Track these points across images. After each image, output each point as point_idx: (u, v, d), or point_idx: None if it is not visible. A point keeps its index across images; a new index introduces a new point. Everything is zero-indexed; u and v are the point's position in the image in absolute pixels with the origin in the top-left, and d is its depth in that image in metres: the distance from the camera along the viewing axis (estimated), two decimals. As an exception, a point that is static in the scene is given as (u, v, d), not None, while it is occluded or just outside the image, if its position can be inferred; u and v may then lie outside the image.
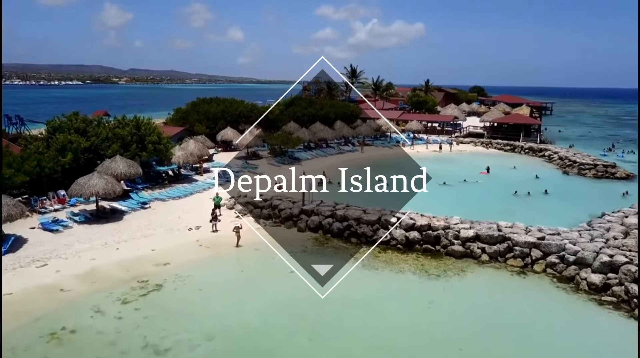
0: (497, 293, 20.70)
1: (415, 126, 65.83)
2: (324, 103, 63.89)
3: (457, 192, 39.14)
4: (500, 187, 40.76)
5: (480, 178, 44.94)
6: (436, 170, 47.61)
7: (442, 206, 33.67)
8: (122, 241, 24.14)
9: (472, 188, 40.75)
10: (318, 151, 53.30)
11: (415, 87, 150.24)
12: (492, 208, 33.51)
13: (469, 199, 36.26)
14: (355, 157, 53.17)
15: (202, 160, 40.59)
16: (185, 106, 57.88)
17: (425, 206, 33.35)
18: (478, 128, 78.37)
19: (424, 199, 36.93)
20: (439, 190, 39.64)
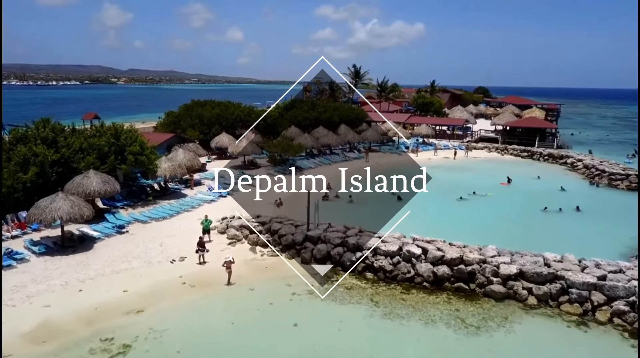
0: (553, 352, 16.36)
1: (425, 131, 61.49)
2: (327, 106, 59.58)
3: (478, 208, 34.82)
4: (525, 201, 36.51)
5: (501, 189, 40.65)
6: (451, 181, 43.43)
7: (463, 227, 29.49)
8: (87, 279, 19.78)
9: (494, 202, 36.40)
10: (321, 158, 48.96)
11: (420, 88, 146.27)
12: (522, 229, 29.27)
13: (494, 217, 31.96)
14: (361, 165, 48.77)
15: (193, 171, 36.30)
16: (178, 109, 53.54)
17: (443, 227, 29.19)
18: (490, 132, 74.22)
19: (441, 217, 32.68)
20: (457, 206, 35.36)
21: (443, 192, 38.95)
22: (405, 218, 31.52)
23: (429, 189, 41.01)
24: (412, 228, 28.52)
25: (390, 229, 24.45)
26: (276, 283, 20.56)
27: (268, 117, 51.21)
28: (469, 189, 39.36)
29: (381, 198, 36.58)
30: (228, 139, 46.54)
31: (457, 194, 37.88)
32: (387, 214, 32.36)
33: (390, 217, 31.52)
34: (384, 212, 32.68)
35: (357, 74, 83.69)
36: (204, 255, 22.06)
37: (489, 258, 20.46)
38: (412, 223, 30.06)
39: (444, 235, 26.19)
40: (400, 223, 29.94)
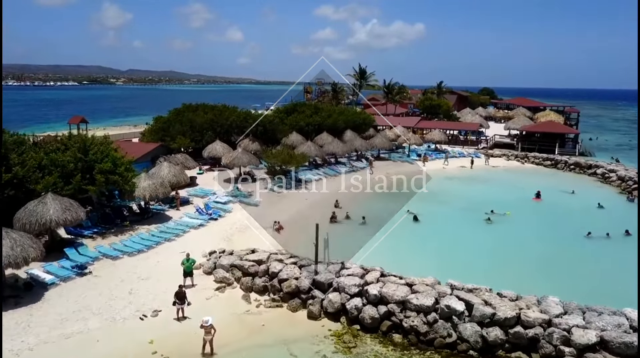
0: None
1: (438, 137, 56.62)
2: (331, 110, 54.68)
3: (510, 231, 29.91)
4: (562, 223, 31.69)
5: (532, 206, 35.80)
6: (472, 195, 38.53)
7: (498, 259, 24.76)
8: (24, 349, 14.88)
9: (528, 224, 31.51)
10: (326, 169, 44.03)
11: (425, 88, 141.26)
12: (570, 264, 24.33)
13: (532, 246, 27.04)
14: (371, 178, 43.80)
15: (179, 187, 31.42)
16: (168, 113, 48.62)
17: (474, 260, 24.39)
18: (504, 137, 69.37)
19: (467, 244, 27.54)
20: (483, 229, 30.43)
21: (464, 210, 34.15)
22: (429, 247, 26.84)
23: (447, 206, 36.41)
24: (437, 260, 23.81)
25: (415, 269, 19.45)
26: (275, 351, 15.65)
27: (267, 122, 46.28)
28: (493, 205, 34.61)
29: (396, 217, 31.78)
30: (222, 147, 41.65)
31: (480, 212, 33.12)
32: (405, 240, 27.63)
33: (410, 245, 26.83)
34: (401, 237, 27.94)
35: (362, 75, 78.79)
36: (184, 307, 17.17)
37: (555, 319, 15.57)
38: (436, 254, 25.32)
39: (477, 270, 21.80)
40: (423, 254, 25.30)
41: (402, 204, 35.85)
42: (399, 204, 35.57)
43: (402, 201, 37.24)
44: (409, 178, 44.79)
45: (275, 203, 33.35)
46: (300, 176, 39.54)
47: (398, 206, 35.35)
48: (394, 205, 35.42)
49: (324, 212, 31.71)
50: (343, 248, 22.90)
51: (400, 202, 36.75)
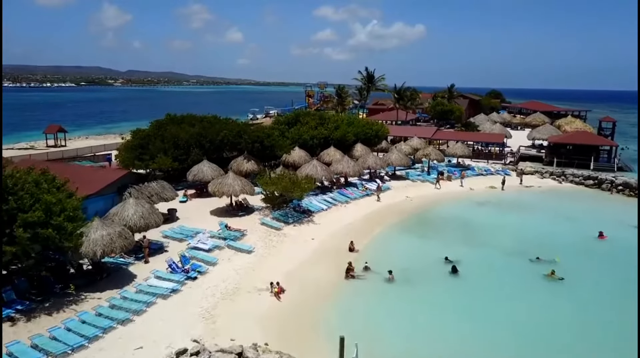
0: None
1: (461, 151, 49.47)
2: (338, 120, 47.55)
3: (581, 292, 22.77)
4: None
5: (596, 248, 28.72)
6: (515, 230, 31.51)
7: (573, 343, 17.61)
8: None
9: (597, 278, 24.43)
10: (335, 193, 36.90)
11: (434, 91, 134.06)
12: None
13: (619, 321, 19.86)
14: (389, 206, 36.69)
15: (157, 226, 24.29)
16: (149, 126, 41.53)
17: (536, 340, 17.39)
18: (530, 148, 62.30)
19: (530, 313, 20.41)
20: (545, 288, 23.27)
21: (510, 255, 27.12)
22: (479, 319, 19.79)
23: (487, 247, 28.87)
24: (492, 342, 16.90)
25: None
26: None
27: (264, 137, 39.14)
28: (542, 244, 27.80)
29: (429, 268, 24.77)
30: (210, 169, 34.58)
31: (529, 255, 26.17)
32: (448, 308, 20.59)
33: (456, 316, 19.78)
34: (442, 303, 20.93)
35: (371, 78, 71.61)
36: None
37: None
38: (490, 333, 18.32)
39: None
40: (475, 334, 18.29)
41: (432, 241, 28.95)
42: (429, 243, 28.63)
43: (430, 235, 30.29)
44: (435, 204, 37.90)
45: (274, 246, 26.26)
46: (304, 204, 32.44)
47: (427, 244, 28.43)
48: (423, 244, 28.45)
49: (336, 260, 24.77)
50: (369, 328, 16.07)
51: (429, 237, 29.81)
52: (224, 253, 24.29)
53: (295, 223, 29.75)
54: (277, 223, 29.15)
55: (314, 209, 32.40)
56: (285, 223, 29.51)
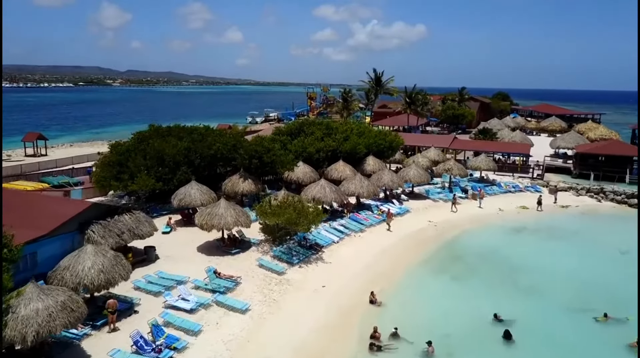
0: None
1: (485, 163, 43.88)
2: (347, 130, 41.98)
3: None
4: None
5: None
6: (567, 270, 25.87)
7: None
8: None
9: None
10: (348, 219, 31.38)
11: (438, 92, 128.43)
12: None
13: None
14: (411, 235, 31.12)
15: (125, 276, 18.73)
16: (130, 137, 36.05)
17: None
18: (555, 158, 56.83)
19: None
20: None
21: (569, 309, 21.57)
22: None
23: (540, 297, 22.36)
24: None
25: None
26: None
27: (263, 152, 33.58)
28: (607, 293, 22.48)
29: (476, 332, 19.27)
30: (199, 192, 29.09)
31: (592, 307, 20.86)
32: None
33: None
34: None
35: (379, 81, 65.97)
36: None
37: None
38: None
39: None
40: None
41: (470, 286, 23.48)
42: (467, 289, 23.15)
43: (466, 277, 24.78)
44: (463, 231, 32.39)
45: (275, 299, 20.72)
46: (311, 236, 26.90)
47: (466, 291, 22.97)
48: (461, 291, 22.95)
49: (356, 319, 19.37)
50: None
51: (466, 280, 24.30)
52: (210, 314, 18.76)
53: (300, 263, 24.24)
54: (278, 265, 23.63)
55: (323, 243, 26.88)
56: (288, 263, 24.01)
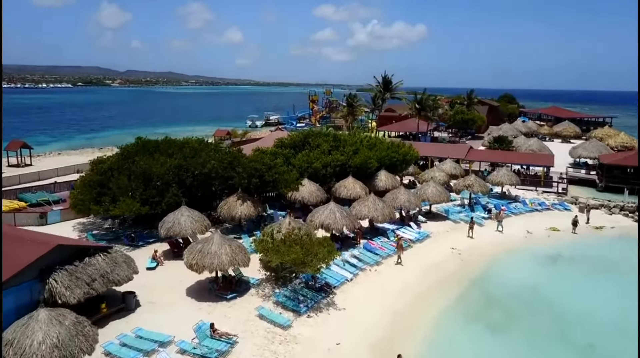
0: None
1: (508, 178, 39.93)
2: (356, 141, 38.03)
3: None
4: None
5: None
6: (625, 317, 21.89)
7: None
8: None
9: None
10: (361, 248, 27.43)
11: (449, 95, 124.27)
12: None
13: None
14: (434, 267, 27.11)
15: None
16: (119, 149, 32.13)
17: None
18: (577, 169, 52.96)
19: None
20: None
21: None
22: None
23: (596, 350, 19.57)
24: None
25: None
26: None
27: (264, 170, 29.61)
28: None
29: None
30: (190, 219, 25.22)
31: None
32: None
33: None
34: None
35: (387, 85, 61.92)
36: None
37: None
38: None
39: None
40: None
41: (512, 340, 19.55)
42: (509, 345, 19.21)
43: (505, 328, 20.79)
44: (492, 261, 28.45)
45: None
46: (321, 275, 22.92)
47: (507, 348, 19.03)
48: (501, 349, 19.01)
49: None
50: None
51: (505, 333, 20.33)
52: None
53: (309, 312, 20.26)
54: (282, 315, 19.64)
55: (334, 282, 22.92)
56: (294, 312, 20.04)
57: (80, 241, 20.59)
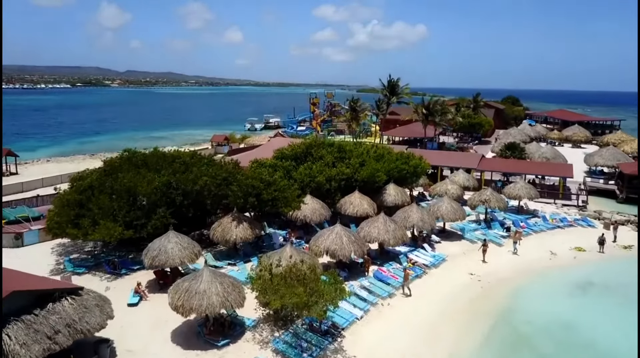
0: None
1: (526, 192, 36.97)
2: (363, 152, 35.07)
3: None
4: None
5: None
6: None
7: None
8: None
9: None
10: (371, 278, 24.45)
11: (453, 96, 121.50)
12: None
13: None
14: (452, 298, 24.14)
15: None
16: (104, 163, 29.16)
17: None
18: (594, 178, 50.09)
19: None
20: None
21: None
22: None
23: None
24: None
25: None
26: None
27: (262, 188, 26.66)
28: None
29: None
30: (179, 246, 22.29)
31: None
32: None
33: None
34: None
35: (393, 89, 58.94)
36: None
37: None
38: None
39: None
40: None
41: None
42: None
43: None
44: (515, 290, 25.53)
45: None
46: (331, 319, 19.90)
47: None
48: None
49: None
50: None
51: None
52: None
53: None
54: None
55: (342, 323, 19.94)
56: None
57: (44, 282, 17.50)
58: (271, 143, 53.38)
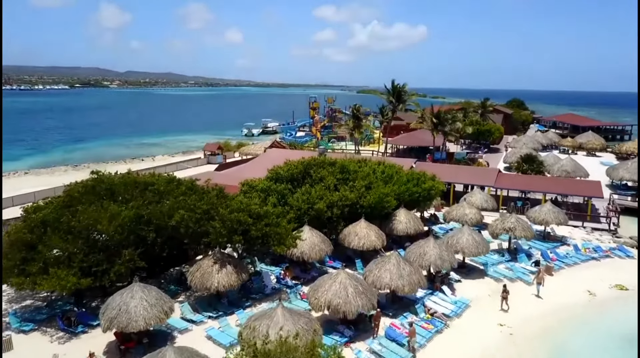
0: None
1: (554, 216, 32.44)
2: (369, 173, 30.60)
3: None
4: None
5: None
6: None
7: None
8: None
9: None
10: (383, 339, 20.02)
11: (457, 99, 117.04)
12: None
13: None
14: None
15: None
16: (63, 193, 24.73)
17: None
18: (621, 194, 45.66)
19: None
20: None
21: None
22: None
23: None
24: None
25: None
26: None
27: (250, 223, 22.22)
28: None
29: None
30: (145, 305, 17.89)
31: None
32: None
33: None
34: None
35: (399, 95, 54.47)
36: None
37: None
38: None
39: None
40: None
41: None
42: None
43: None
44: (558, 347, 21.14)
45: None
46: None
47: None
48: None
49: None
50: None
51: None
52: None
53: None
54: None
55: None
56: None
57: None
58: (267, 155, 49.09)
